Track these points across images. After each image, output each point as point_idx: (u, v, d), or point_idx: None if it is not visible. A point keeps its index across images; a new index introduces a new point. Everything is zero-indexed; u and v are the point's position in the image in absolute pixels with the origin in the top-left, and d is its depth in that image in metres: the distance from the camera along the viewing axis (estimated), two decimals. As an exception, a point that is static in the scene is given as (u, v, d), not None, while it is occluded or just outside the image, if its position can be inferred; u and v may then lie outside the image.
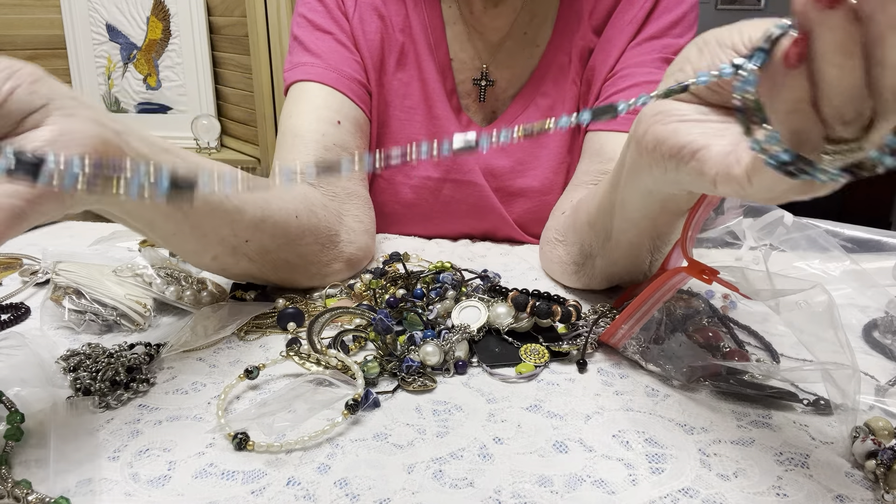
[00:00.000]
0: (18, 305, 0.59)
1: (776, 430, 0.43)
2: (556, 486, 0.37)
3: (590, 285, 0.63)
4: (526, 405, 0.45)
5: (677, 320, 0.53)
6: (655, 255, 0.55)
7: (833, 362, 0.42)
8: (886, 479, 0.37)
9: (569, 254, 0.63)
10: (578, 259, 0.61)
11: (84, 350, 0.49)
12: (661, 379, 0.48)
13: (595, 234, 0.57)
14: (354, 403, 0.43)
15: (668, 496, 0.37)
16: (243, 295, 0.60)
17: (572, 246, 0.62)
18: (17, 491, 0.35)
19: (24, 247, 0.75)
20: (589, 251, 0.59)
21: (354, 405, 0.42)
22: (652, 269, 0.57)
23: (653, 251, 0.54)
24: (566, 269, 0.64)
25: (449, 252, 0.75)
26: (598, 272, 0.60)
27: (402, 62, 0.77)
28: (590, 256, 0.59)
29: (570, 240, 0.62)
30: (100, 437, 0.41)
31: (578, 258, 0.61)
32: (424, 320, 0.54)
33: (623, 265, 0.57)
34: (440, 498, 0.36)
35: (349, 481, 0.37)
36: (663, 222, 0.50)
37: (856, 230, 0.55)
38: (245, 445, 0.40)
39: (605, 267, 0.58)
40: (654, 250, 0.54)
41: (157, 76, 1.98)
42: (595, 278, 0.61)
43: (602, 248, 0.57)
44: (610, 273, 0.59)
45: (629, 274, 0.59)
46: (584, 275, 0.62)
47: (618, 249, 0.55)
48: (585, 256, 0.60)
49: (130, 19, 1.95)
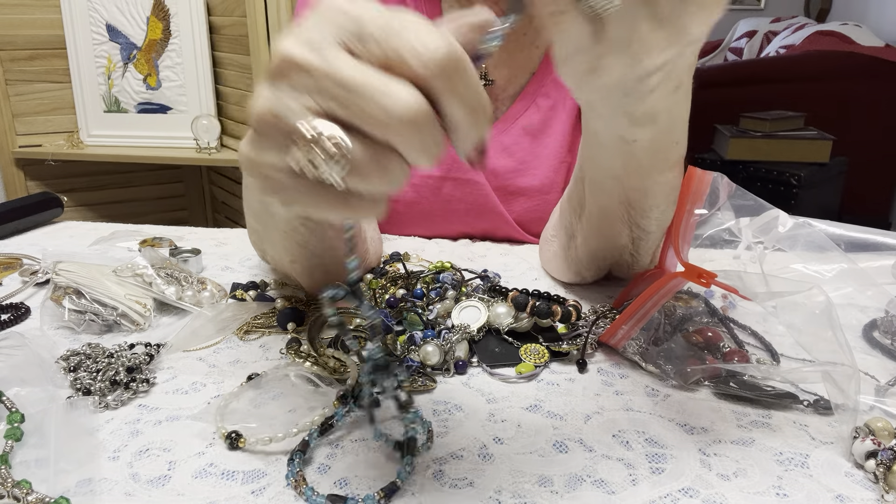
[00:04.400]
0: (18, 305, 0.59)
1: (776, 430, 0.43)
2: (556, 486, 0.37)
3: (581, 273, 0.63)
4: (526, 405, 0.45)
5: (677, 321, 0.53)
6: (634, 230, 0.55)
7: (833, 362, 0.42)
8: (886, 479, 0.37)
9: (559, 244, 0.63)
10: (565, 243, 0.62)
11: (84, 350, 0.49)
12: (661, 379, 0.48)
13: (572, 208, 0.58)
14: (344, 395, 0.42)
15: (668, 496, 0.37)
16: (243, 295, 0.60)
17: (559, 233, 0.63)
18: (17, 491, 0.35)
19: (24, 247, 0.75)
20: (571, 231, 0.59)
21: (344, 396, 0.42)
22: (636, 249, 0.57)
23: (630, 224, 0.54)
24: (559, 260, 0.64)
25: (449, 252, 0.75)
26: (582, 253, 0.60)
27: None
28: (572, 237, 0.60)
29: (557, 234, 0.63)
30: (100, 437, 0.41)
31: (564, 242, 0.62)
32: (424, 320, 0.54)
33: (601, 241, 0.57)
34: (440, 498, 0.36)
35: (349, 481, 0.37)
36: (630, 186, 0.50)
37: (854, 230, 0.55)
38: (237, 444, 0.40)
39: (586, 243, 0.59)
40: (631, 223, 0.54)
41: (157, 76, 1.98)
42: (582, 262, 0.61)
43: (579, 222, 0.57)
44: (592, 251, 0.59)
45: (610, 251, 0.59)
46: (572, 260, 0.62)
47: (592, 220, 0.55)
48: (569, 237, 0.60)
49: (130, 19, 1.95)
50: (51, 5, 1.93)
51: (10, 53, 1.93)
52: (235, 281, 0.63)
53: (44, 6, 1.93)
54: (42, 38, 1.95)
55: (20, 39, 1.93)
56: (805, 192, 2.40)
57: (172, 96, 1.98)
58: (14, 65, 1.94)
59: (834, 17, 3.81)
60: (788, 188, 2.41)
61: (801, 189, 2.38)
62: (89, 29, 1.95)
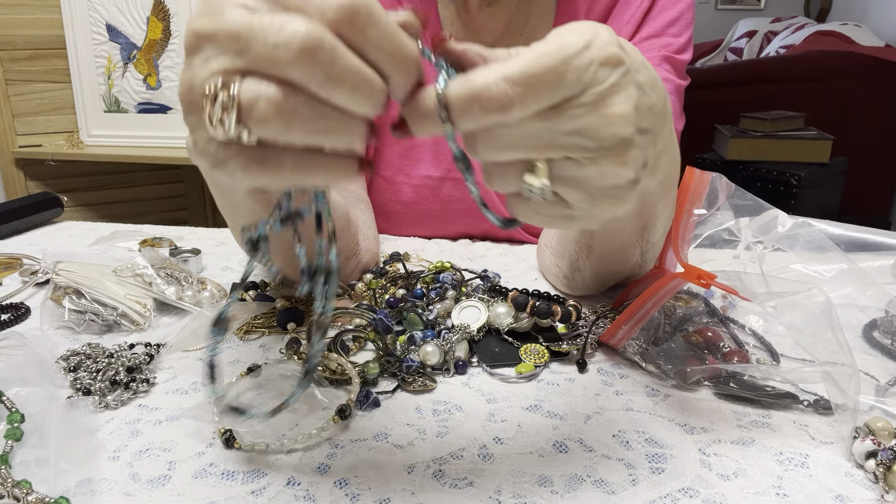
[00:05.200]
0: (18, 305, 0.59)
1: (776, 430, 0.43)
2: (556, 486, 0.37)
3: (584, 292, 0.63)
4: (526, 405, 0.45)
5: (677, 321, 0.53)
6: (645, 247, 0.55)
7: (833, 362, 0.42)
8: (886, 479, 0.37)
9: (558, 265, 0.63)
10: (568, 272, 0.61)
11: (84, 350, 0.49)
12: (661, 379, 0.48)
13: (580, 248, 0.57)
14: (342, 410, 0.42)
15: (668, 496, 0.37)
16: (243, 295, 0.60)
17: (561, 259, 0.62)
18: (17, 491, 0.35)
19: (24, 247, 0.75)
20: (577, 265, 0.59)
21: (343, 412, 0.42)
22: (644, 259, 0.57)
23: (642, 245, 0.54)
24: (558, 279, 0.64)
25: (449, 252, 0.75)
26: (589, 277, 0.60)
27: None
28: (578, 270, 0.60)
29: (558, 251, 0.63)
30: (100, 437, 0.41)
31: (568, 271, 0.61)
32: (424, 320, 0.54)
33: (612, 266, 0.58)
34: (440, 498, 0.36)
35: (349, 481, 0.37)
36: (646, 214, 0.50)
37: (854, 230, 0.55)
38: (232, 444, 0.40)
39: (595, 276, 0.59)
40: (644, 243, 0.54)
41: (157, 76, 1.98)
42: (588, 288, 0.61)
43: (587, 259, 0.57)
44: (600, 275, 0.59)
45: (621, 274, 0.59)
46: (575, 286, 0.62)
47: (605, 256, 0.56)
48: (574, 270, 0.60)
49: (130, 19, 1.95)
50: (51, 5, 1.93)
51: (10, 53, 1.93)
52: (235, 281, 0.63)
53: (44, 6, 1.93)
54: (42, 38, 1.95)
55: (20, 39, 1.93)
56: (805, 192, 2.40)
57: (172, 96, 1.98)
58: (14, 65, 1.94)
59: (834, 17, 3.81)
60: (788, 188, 2.41)
61: (801, 189, 2.38)
62: (89, 29, 1.95)
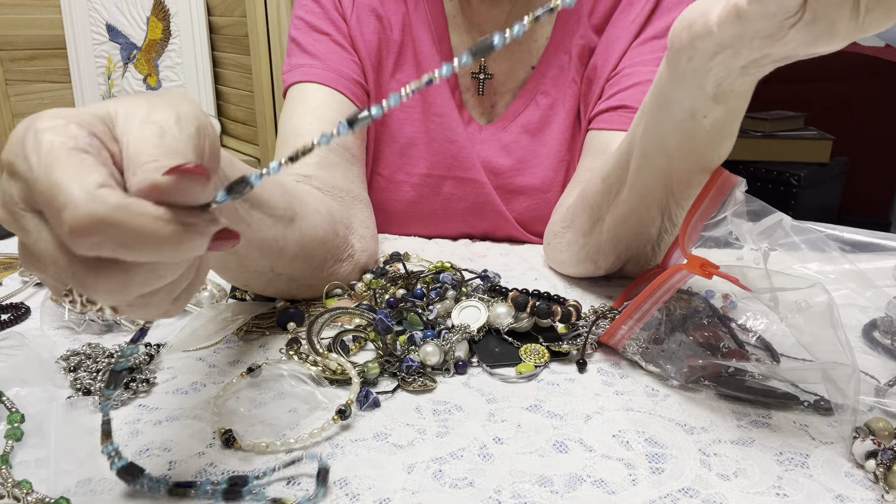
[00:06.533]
0: (18, 305, 0.59)
1: (776, 430, 0.43)
2: (556, 486, 0.37)
3: (596, 261, 0.62)
4: (526, 405, 0.45)
5: (677, 320, 0.53)
6: (666, 222, 0.55)
7: (833, 362, 0.42)
8: (886, 479, 0.37)
9: (575, 232, 0.63)
10: (587, 228, 0.61)
11: (84, 350, 0.49)
12: (661, 379, 0.48)
13: (607, 188, 0.57)
14: (342, 410, 0.42)
15: (668, 496, 0.37)
16: (243, 295, 0.60)
17: (579, 218, 0.62)
18: (17, 491, 0.35)
19: (24, 247, 0.75)
20: (599, 213, 0.59)
21: (343, 412, 0.42)
22: (659, 243, 0.57)
23: (663, 213, 0.54)
24: (573, 249, 0.64)
25: (449, 252, 0.75)
26: (606, 238, 0.59)
27: (400, 62, 0.77)
28: (599, 220, 0.59)
29: (576, 220, 0.63)
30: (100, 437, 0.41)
31: (587, 227, 0.61)
32: (424, 320, 0.54)
33: (630, 226, 0.57)
34: (440, 498, 0.36)
35: (349, 481, 0.37)
36: (678, 169, 0.50)
37: (855, 233, 0.55)
38: (232, 444, 0.40)
39: (613, 227, 0.58)
40: (665, 212, 0.54)
41: (157, 76, 1.98)
42: (602, 249, 0.61)
43: (613, 203, 0.57)
44: (617, 236, 0.59)
45: (636, 240, 0.59)
46: (591, 247, 0.61)
47: (629, 201, 0.55)
48: (594, 222, 0.60)
49: (130, 19, 1.95)
50: (51, 5, 1.93)
51: (10, 53, 1.93)
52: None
53: (44, 6, 1.93)
54: (42, 38, 1.95)
55: (20, 39, 1.93)
56: (805, 192, 2.39)
57: (172, 96, 1.98)
58: (14, 65, 1.94)
59: (834, 17, 3.79)
60: (788, 188, 2.40)
61: (801, 189, 2.38)
62: (89, 29, 1.95)
